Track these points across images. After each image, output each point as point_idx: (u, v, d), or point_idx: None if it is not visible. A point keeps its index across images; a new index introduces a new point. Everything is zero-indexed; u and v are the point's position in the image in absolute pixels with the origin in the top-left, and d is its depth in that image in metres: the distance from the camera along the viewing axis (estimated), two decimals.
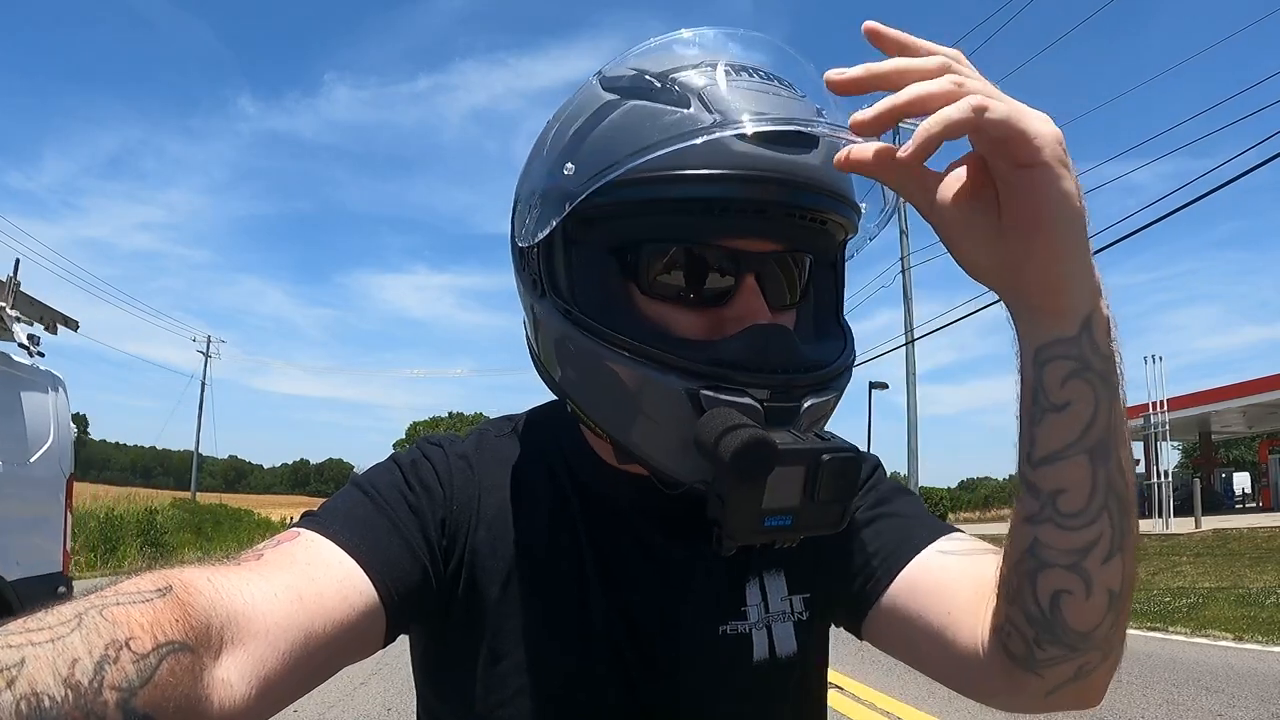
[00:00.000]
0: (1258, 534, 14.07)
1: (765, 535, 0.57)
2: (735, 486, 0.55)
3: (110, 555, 15.40)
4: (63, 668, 0.38)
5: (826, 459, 0.56)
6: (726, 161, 0.56)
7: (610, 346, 0.58)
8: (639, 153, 0.56)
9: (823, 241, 0.65)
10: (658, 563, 0.70)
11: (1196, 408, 23.38)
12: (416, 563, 0.64)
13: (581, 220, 0.60)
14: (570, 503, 0.71)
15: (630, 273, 0.62)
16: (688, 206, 0.58)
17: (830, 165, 0.58)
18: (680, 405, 0.57)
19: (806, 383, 0.60)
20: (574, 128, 0.62)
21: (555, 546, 0.70)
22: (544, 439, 0.75)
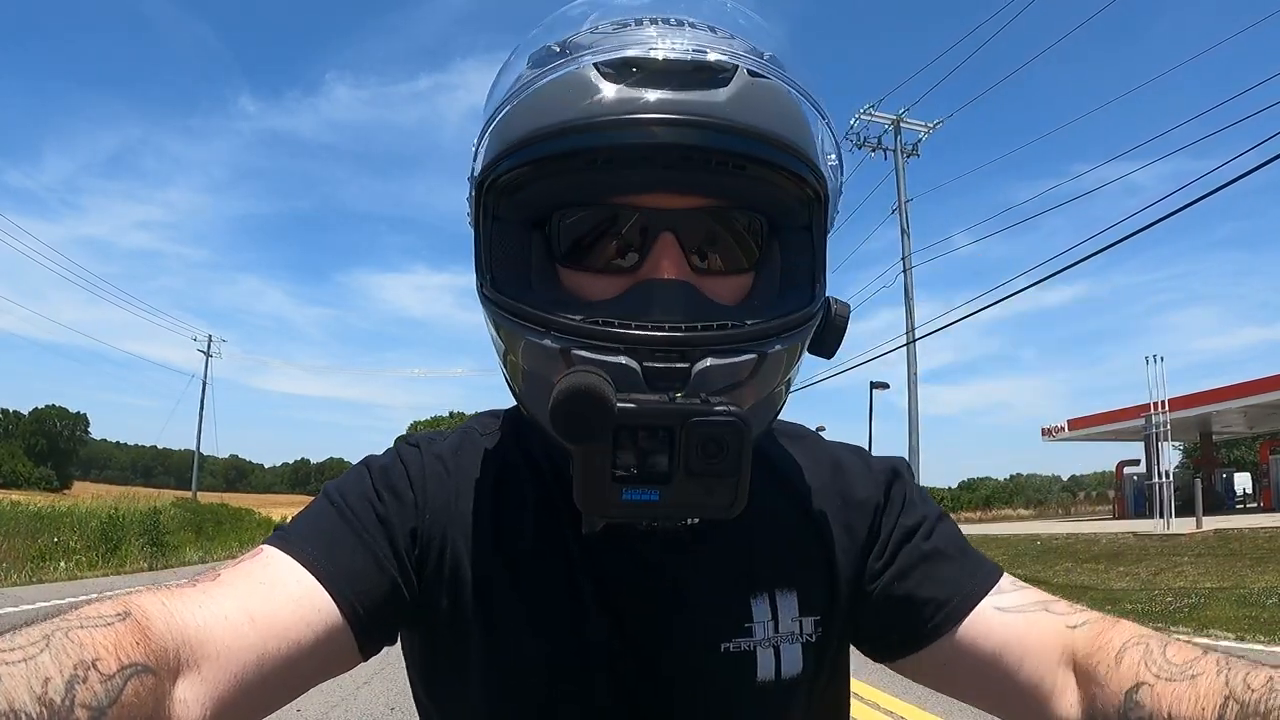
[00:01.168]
0: (1259, 534, 14.04)
1: (626, 511, 0.50)
2: (574, 449, 0.49)
3: (112, 555, 15.39)
4: (37, 686, 0.38)
5: (694, 421, 0.49)
6: (603, 109, 0.53)
7: (502, 313, 0.57)
8: (506, 106, 0.56)
9: (761, 194, 0.58)
10: (653, 574, 0.66)
11: (1197, 408, 23.33)
12: (384, 575, 0.61)
13: (496, 193, 0.59)
14: (558, 507, 0.66)
15: (550, 245, 0.59)
16: (572, 163, 0.55)
17: (753, 104, 0.54)
18: (555, 365, 0.54)
19: (695, 341, 0.53)
20: (487, 104, 0.61)
21: (543, 554, 0.66)
22: (529, 437, 0.71)
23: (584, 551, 0.66)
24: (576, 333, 0.54)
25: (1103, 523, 23.77)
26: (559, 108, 0.54)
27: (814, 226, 0.62)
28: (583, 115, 0.53)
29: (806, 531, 0.71)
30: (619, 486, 0.50)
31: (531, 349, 0.56)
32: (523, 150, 0.55)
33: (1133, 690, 0.55)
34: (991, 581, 0.68)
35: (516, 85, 0.57)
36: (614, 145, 0.54)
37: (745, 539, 0.68)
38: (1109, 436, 29.24)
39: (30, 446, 74.06)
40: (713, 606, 0.66)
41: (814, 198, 0.60)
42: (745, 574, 0.68)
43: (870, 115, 23.18)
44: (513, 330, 0.57)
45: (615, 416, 0.48)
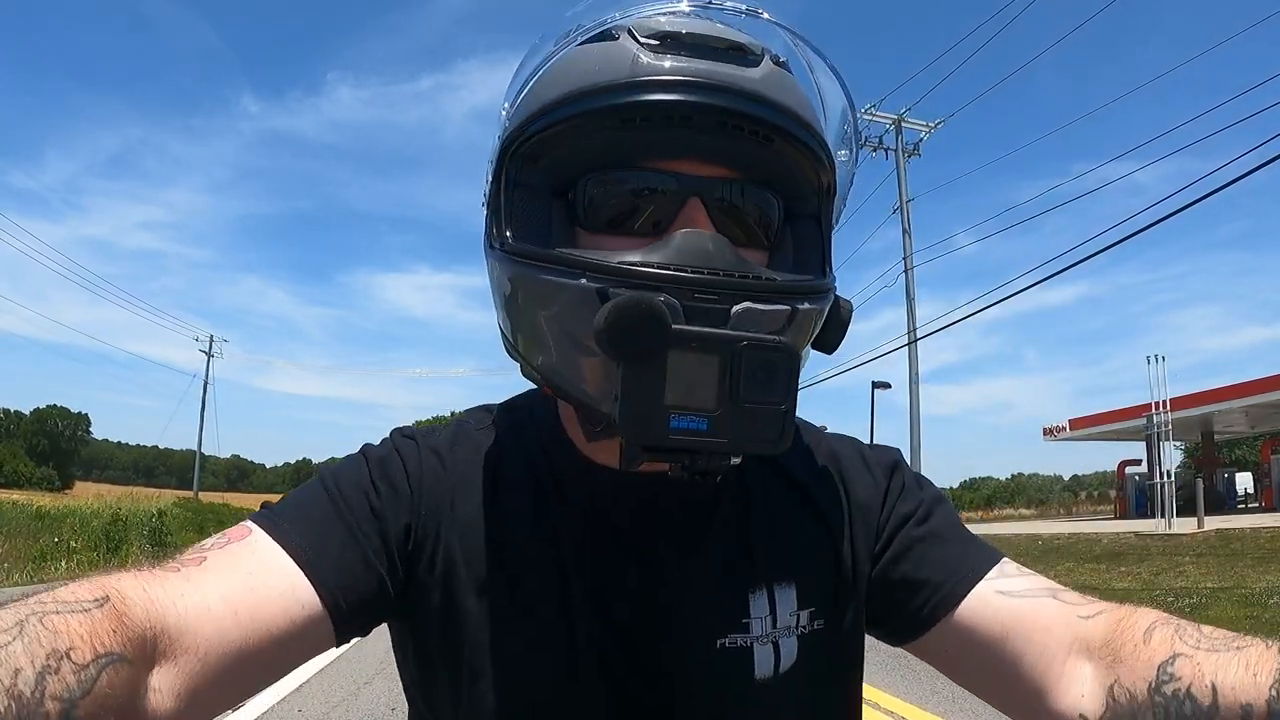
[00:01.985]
0: (1260, 534, 14.02)
1: (676, 439, 0.49)
2: (624, 369, 0.48)
3: (113, 555, 15.39)
4: (5, 677, 0.38)
5: (744, 345, 0.49)
6: (644, 70, 0.55)
7: (528, 262, 0.56)
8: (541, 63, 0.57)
9: (781, 168, 0.59)
10: (647, 569, 0.65)
11: (1199, 408, 23.31)
12: (371, 571, 0.61)
13: (521, 159, 0.59)
14: (550, 501, 0.66)
15: (574, 211, 0.59)
16: (606, 121, 0.55)
17: (780, 85, 0.57)
18: (590, 307, 0.51)
19: (737, 286, 0.53)
20: (515, 78, 0.62)
21: (535, 549, 0.65)
22: (523, 431, 0.71)
23: (580, 547, 0.65)
24: (615, 273, 0.53)
25: (1104, 522, 23.74)
26: (596, 69, 0.55)
27: (822, 217, 0.63)
28: (620, 77, 0.54)
29: (806, 522, 0.70)
30: (668, 411, 0.48)
31: (562, 295, 0.54)
32: (557, 110, 0.56)
33: (1166, 663, 0.53)
34: (990, 564, 0.67)
35: (546, 61, 0.59)
36: (650, 104, 0.54)
37: (744, 532, 0.68)
38: (1110, 436, 29.22)
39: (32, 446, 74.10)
40: (710, 602, 0.65)
41: (824, 189, 0.62)
42: (744, 569, 0.67)
43: (871, 115, 23.16)
44: (538, 280, 0.55)
45: (670, 337, 0.48)
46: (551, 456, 0.68)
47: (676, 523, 0.66)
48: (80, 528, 16.74)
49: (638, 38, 0.56)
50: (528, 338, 0.60)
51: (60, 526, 16.52)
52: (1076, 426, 29.13)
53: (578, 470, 0.67)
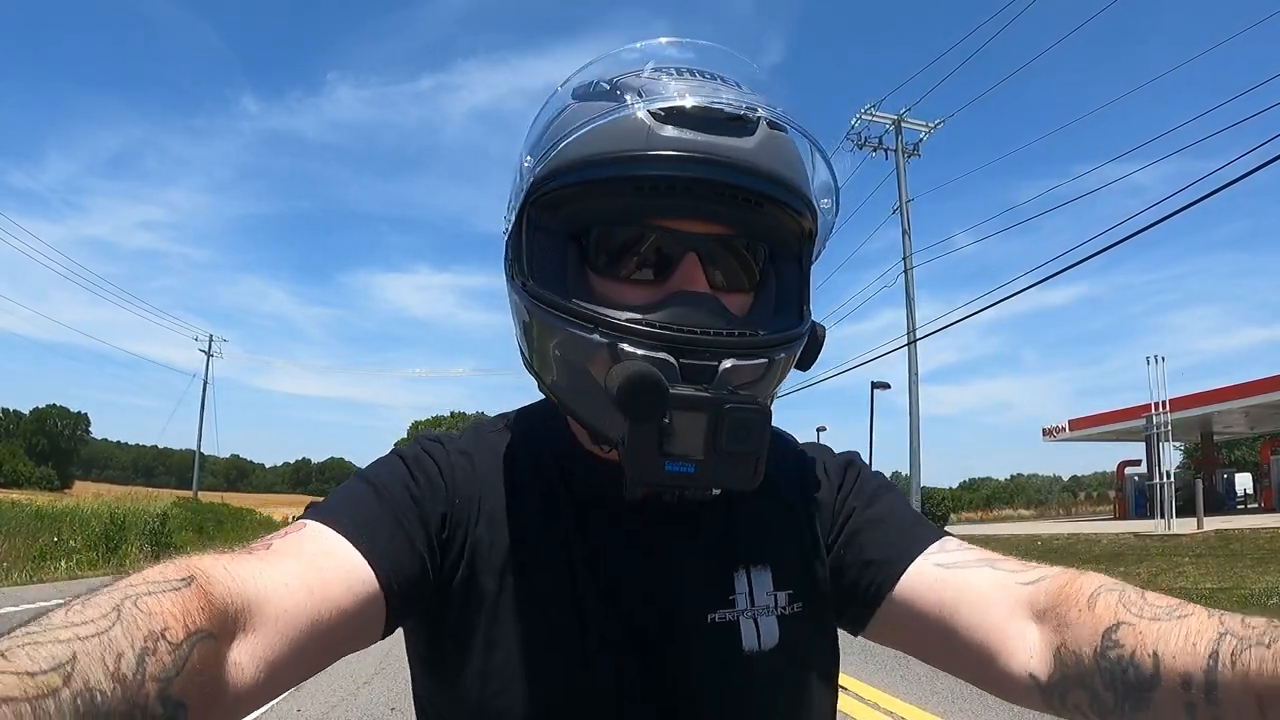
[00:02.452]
0: (1260, 535, 14.04)
1: (668, 480, 0.59)
2: (631, 425, 0.58)
3: (112, 555, 15.41)
4: (110, 662, 0.41)
5: (729, 408, 0.58)
6: (655, 144, 0.62)
7: (550, 310, 0.64)
8: (569, 134, 0.63)
9: (768, 227, 0.67)
10: (645, 551, 0.73)
11: (1198, 408, 23.31)
12: (416, 555, 0.66)
13: (541, 207, 0.67)
14: (559, 496, 0.74)
15: (586, 256, 0.67)
16: (620, 187, 0.63)
17: (771, 152, 0.64)
18: (602, 360, 0.61)
19: (724, 344, 0.62)
20: (535, 128, 0.70)
21: (546, 538, 0.72)
22: (533, 435, 0.79)
23: (581, 536, 0.73)
24: (624, 330, 0.61)
25: (1104, 523, 23.77)
26: (615, 140, 0.63)
27: (804, 258, 0.72)
28: (635, 148, 0.62)
29: (778, 514, 0.79)
30: (663, 459, 0.59)
31: (577, 342, 0.63)
32: (578, 171, 0.64)
33: (1111, 630, 0.57)
34: (929, 540, 0.73)
35: (565, 113, 0.66)
36: (658, 176, 0.62)
37: (729, 519, 0.76)
38: (1110, 437, 29.23)
39: (31, 446, 74.20)
40: (701, 581, 0.73)
41: (807, 234, 0.71)
42: (727, 551, 0.75)
43: (871, 115, 23.20)
44: (555, 325, 0.64)
45: (669, 400, 0.57)
46: (561, 457, 0.76)
47: (671, 511, 0.73)
48: (80, 527, 16.76)
49: (649, 109, 0.63)
50: (543, 364, 0.68)
51: (60, 526, 16.54)
52: (1076, 427, 29.15)
53: (585, 467, 0.75)
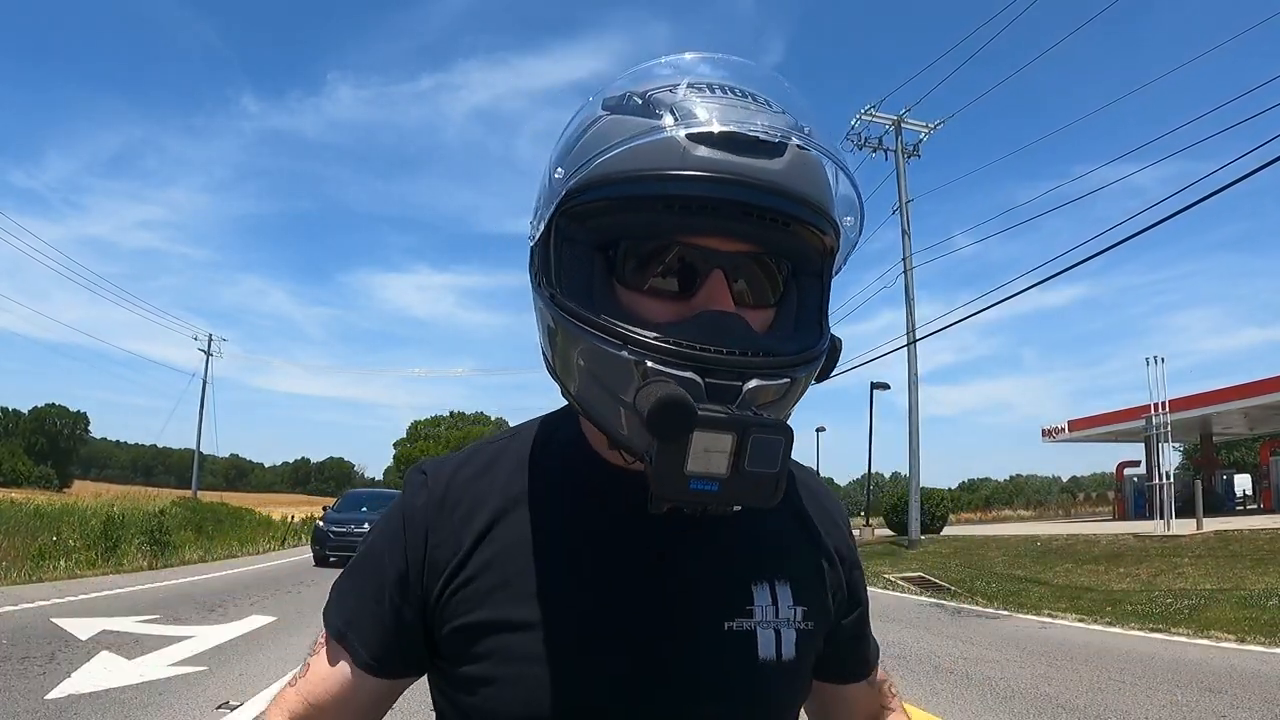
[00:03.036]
0: (1259, 535, 14.04)
1: (692, 498, 0.60)
2: (659, 444, 0.59)
3: (111, 554, 15.37)
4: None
5: (754, 430, 0.59)
6: (688, 164, 0.63)
7: (578, 323, 0.65)
8: (604, 151, 0.64)
9: (793, 246, 0.68)
10: (661, 558, 0.74)
11: (1198, 409, 23.34)
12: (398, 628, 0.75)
13: (570, 218, 0.67)
14: (575, 508, 0.75)
15: (612, 268, 0.68)
16: (652, 204, 0.64)
17: (799, 173, 0.65)
18: (629, 376, 0.62)
19: (749, 365, 0.63)
20: (567, 139, 0.71)
21: (556, 545, 0.74)
22: (551, 446, 0.80)
23: (595, 545, 0.74)
24: (652, 349, 0.62)
25: (1103, 524, 23.76)
26: (649, 159, 0.63)
27: (825, 273, 0.73)
28: (669, 166, 0.63)
29: (799, 535, 0.83)
30: (688, 478, 0.59)
31: (603, 356, 0.63)
32: (609, 186, 0.65)
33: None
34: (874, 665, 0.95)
35: (599, 126, 0.68)
36: (688, 195, 0.63)
37: (749, 532, 0.78)
38: (1109, 437, 29.24)
39: (30, 445, 74.11)
40: (718, 589, 0.75)
41: (829, 250, 0.71)
42: (749, 562, 0.77)
43: (871, 116, 23.20)
44: (581, 336, 0.65)
45: (697, 421, 0.58)
46: (575, 463, 0.77)
47: (688, 519, 0.73)
48: (79, 526, 16.73)
49: (682, 128, 0.63)
50: (567, 372, 0.69)
51: (59, 525, 16.50)
52: (1075, 428, 29.16)
53: (601, 474, 0.76)
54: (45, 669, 5.69)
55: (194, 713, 4.86)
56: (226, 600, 10.10)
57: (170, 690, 5.34)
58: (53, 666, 5.78)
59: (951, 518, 28.26)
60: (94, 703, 4.92)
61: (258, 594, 10.64)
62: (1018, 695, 5.75)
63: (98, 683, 5.38)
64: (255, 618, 8.52)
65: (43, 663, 5.88)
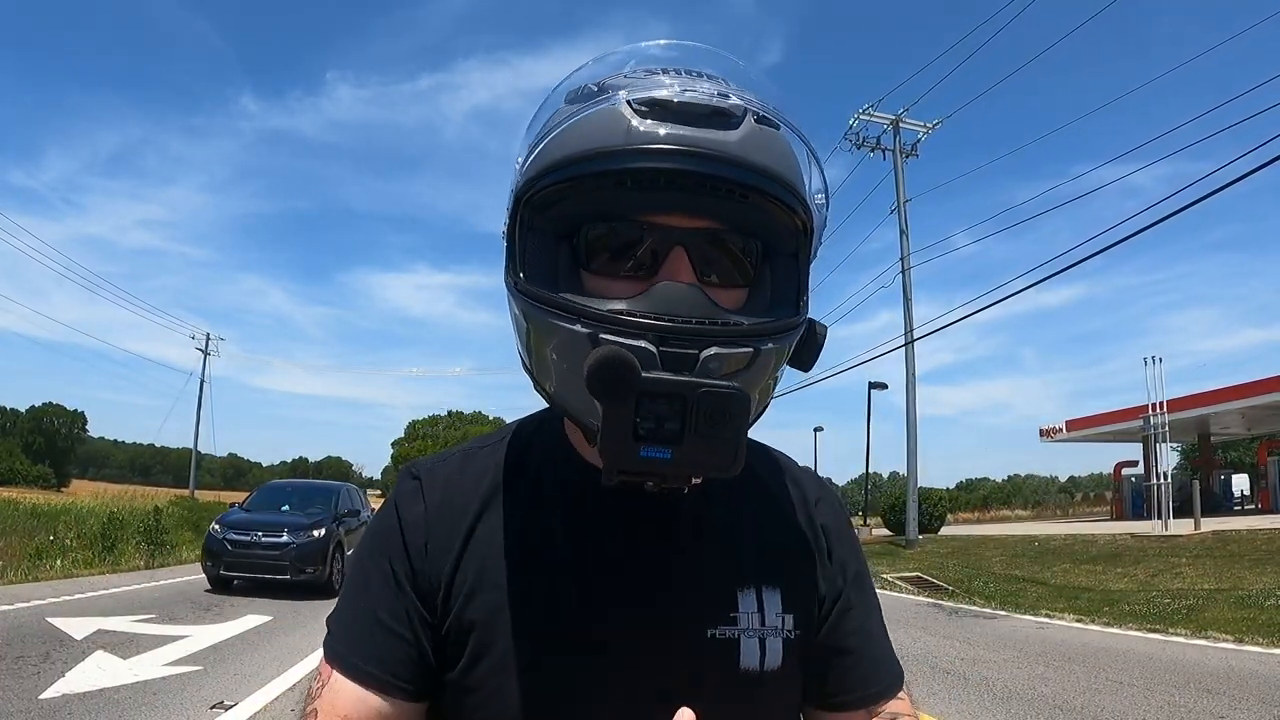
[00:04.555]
0: (1257, 536, 14.06)
1: (644, 466, 0.58)
2: (603, 409, 0.57)
3: (108, 553, 15.34)
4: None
5: (703, 391, 0.57)
6: (635, 139, 0.62)
7: (535, 303, 0.64)
8: (555, 135, 0.64)
9: (758, 221, 0.66)
10: (646, 565, 0.72)
11: (1195, 409, 23.37)
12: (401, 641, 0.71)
13: (532, 208, 0.66)
14: (556, 510, 0.74)
15: (576, 256, 0.67)
16: (606, 182, 0.63)
17: (756, 145, 0.63)
18: (582, 348, 0.60)
19: (705, 333, 0.61)
20: (528, 131, 0.70)
21: (539, 554, 0.72)
22: (530, 448, 0.79)
23: (578, 550, 0.72)
24: (604, 320, 0.61)
25: (1101, 524, 23.79)
26: (596, 136, 0.63)
27: (800, 254, 0.70)
28: (616, 143, 0.62)
29: (788, 540, 0.80)
30: (638, 444, 0.57)
31: (563, 335, 0.62)
32: (562, 169, 0.64)
33: None
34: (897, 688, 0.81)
35: (556, 117, 0.66)
36: (641, 169, 0.62)
37: (734, 536, 0.76)
38: (1107, 438, 29.27)
39: (28, 444, 74.00)
40: (701, 595, 0.73)
41: (801, 230, 0.69)
42: (733, 568, 0.75)
43: (869, 115, 23.22)
44: (544, 320, 0.64)
45: (641, 382, 0.56)
46: (558, 465, 0.76)
47: (670, 524, 0.73)
48: (76, 525, 16.70)
49: (632, 105, 0.63)
50: (538, 364, 0.68)
51: (56, 524, 16.48)
52: (1073, 428, 29.20)
53: (581, 477, 0.74)
54: (40, 668, 5.67)
55: (189, 712, 4.85)
56: (222, 600, 10.07)
57: (165, 690, 5.32)
58: (47, 666, 5.76)
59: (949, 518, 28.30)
60: (88, 702, 4.90)
61: (253, 594, 10.61)
62: (1015, 696, 5.75)
63: (92, 682, 5.36)
64: (250, 617, 8.50)
65: (37, 662, 5.86)
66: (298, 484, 14.68)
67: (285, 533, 10.89)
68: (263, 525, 11.08)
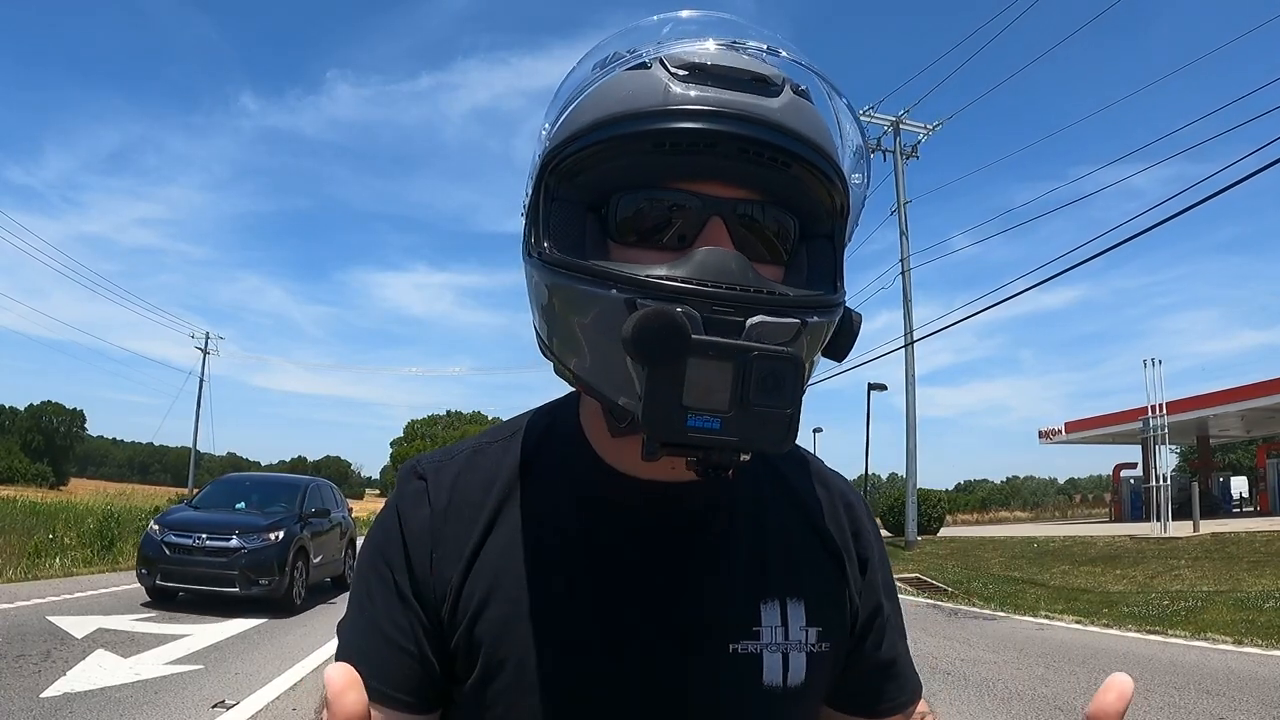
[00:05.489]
0: (1256, 538, 14.06)
1: (690, 437, 0.53)
2: (648, 373, 0.53)
3: (106, 552, 15.32)
4: None
5: (756, 355, 0.53)
6: (674, 100, 0.59)
7: (565, 271, 0.60)
8: (586, 97, 0.61)
9: (798, 194, 0.63)
10: (666, 575, 0.69)
11: (1194, 411, 23.38)
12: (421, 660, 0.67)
13: (559, 176, 0.63)
14: (571, 517, 0.70)
15: (606, 225, 0.63)
16: (639, 145, 0.59)
17: (797, 114, 0.60)
18: (619, 316, 0.55)
19: (752, 300, 0.57)
20: (555, 99, 0.67)
21: (553, 563, 0.69)
22: (544, 446, 0.74)
23: (593, 557, 0.69)
24: (644, 285, 0.56)
25: (1100, 525, 23.79)
26: (632, 98, 0.59)
27: (835, 237, 0.67)
28: (653, 104, 0.59)
29: (815, 548, 0.76)
30: (685, 411, 0.53)
31: (596, 303, 0.57)
32: (594, 132, 0.60)
33: None
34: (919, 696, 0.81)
35: (584, 81, 0.63)
36: (680, 130, 0.58)
37: (758, 546, 0.73)
38: (1106, 439, 29.28)
39: (27, 443, 73.98)
40: (724, 609, 0.69)
41: (838, 209, 0.65)
42: (756, 580, 0.71)
43: (870, 117, 23.21)
44: (573, 288, 0.59)
45: (690, 345, 0.52)
46: (573, 466, 0.72)
47: (694, 531, 0.70)
48: (74, 524, 16.68)
49: (669, 68, 0.60)
50: (562, 340, 0.63)
51: (54, 523, 16.45)
52: (1072, 429, 29.20)
53: (601, 478, 0.70)
54: (41, 667, 5.66)
55: (189, 711, 4.85)
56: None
57: (166, 688, 5.32)
58: (48, 665, 5.75)
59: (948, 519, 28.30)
60: (89, 701, 4.90)
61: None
62: (1015, 697, 5.76)
63: (93, 681, 5.36)
64: (251, 617, 8.50)
65: (38, 661, 5.86)
66: (258, 478, 12.06)
67: (235, 535, 8.93)
68: (209, 526, 9.09)
